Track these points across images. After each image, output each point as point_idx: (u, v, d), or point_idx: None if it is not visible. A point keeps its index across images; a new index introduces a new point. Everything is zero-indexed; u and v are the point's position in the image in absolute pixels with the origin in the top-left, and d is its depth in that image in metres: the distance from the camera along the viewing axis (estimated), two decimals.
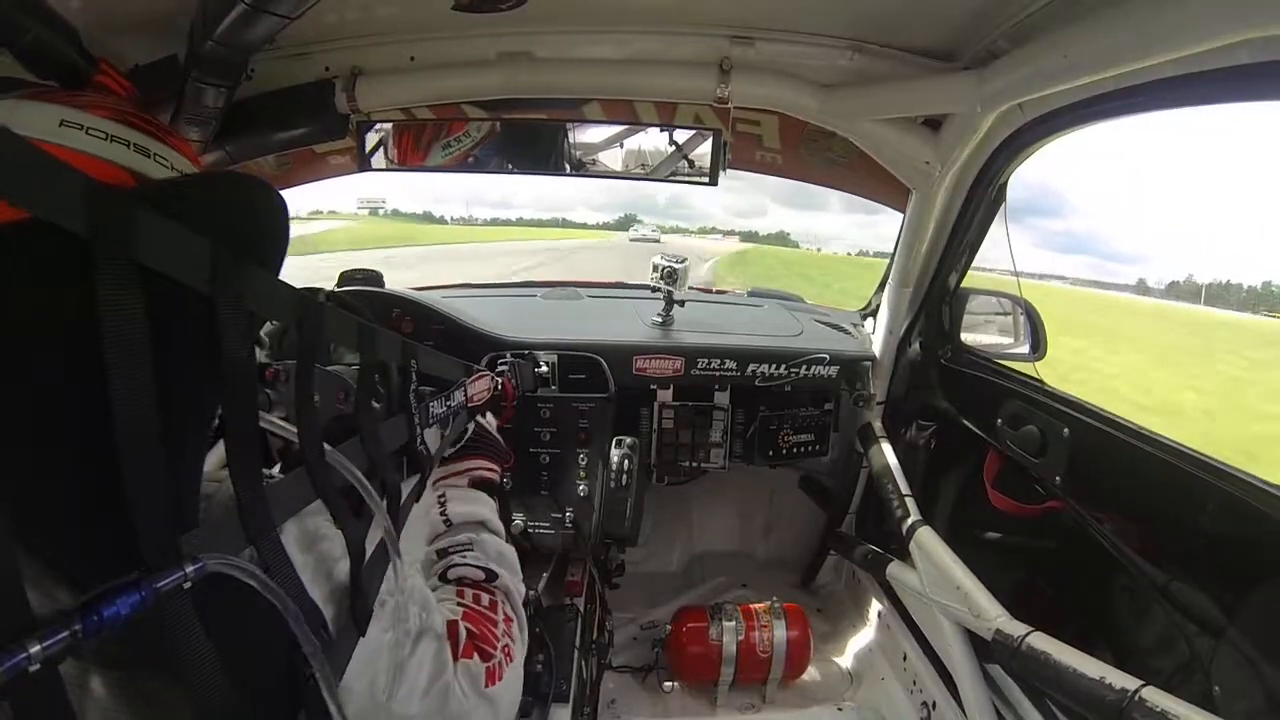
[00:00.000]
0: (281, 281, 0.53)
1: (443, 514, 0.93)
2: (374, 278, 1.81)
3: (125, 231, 0.38)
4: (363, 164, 1.58)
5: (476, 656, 0.75)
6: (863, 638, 2.00)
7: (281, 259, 0.53)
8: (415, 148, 1.56)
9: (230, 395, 0.47)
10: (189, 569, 0.41)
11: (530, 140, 1.59)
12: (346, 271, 1.80)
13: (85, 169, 0.39)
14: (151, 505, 0.40)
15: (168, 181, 0.52)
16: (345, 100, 1.44)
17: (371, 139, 1.57)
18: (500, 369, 1.34)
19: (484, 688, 0.75)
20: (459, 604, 0.81)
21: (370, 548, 0.63)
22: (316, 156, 2.04)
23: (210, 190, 0.51)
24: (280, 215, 0.52)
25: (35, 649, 0.33)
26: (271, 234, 0.51)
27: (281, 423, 0.62)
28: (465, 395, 1.01)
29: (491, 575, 0.88)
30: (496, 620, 0.82)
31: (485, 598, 0.84)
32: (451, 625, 0.75)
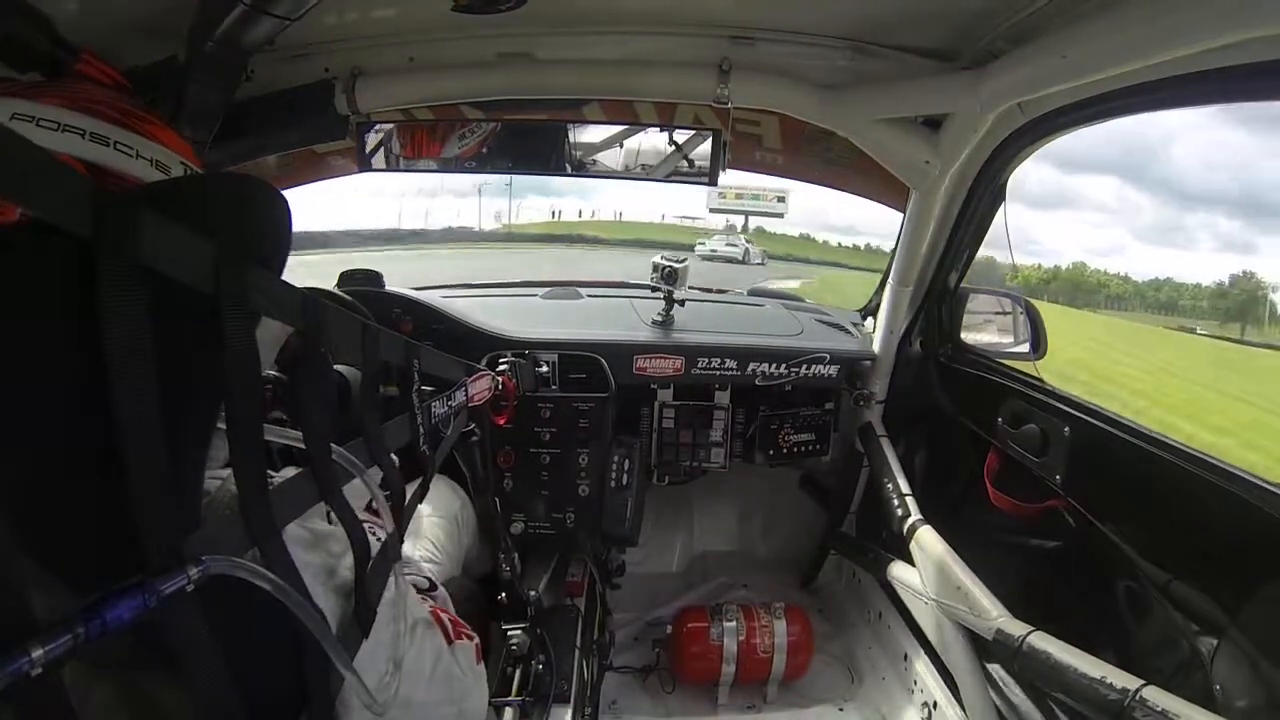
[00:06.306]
0: (284, 281, 0.53)
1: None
2: (374, 277, 1.81)
3: (127, 232, 0.38)
4: (363, 164, 1.59)
5: (464, 637, 0.80)
6: (863, 638, 2.00)
7: (284, 259, 0.53)
8: (431, 139, 1.56)
9: (234, 394, 0.47)
10: (192, 571, 0.41)
11: (534, 140, 1.59)
12: (346, 271, 1.80)
13: None
14: (154, 507, 0.40)
15: (169, 181, 0.52)
16: (345, 101, 1.44)
17: (372, 139, 1.57)
18: (501, 368, 1.34)
19: (475, 664, 0.80)
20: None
21: (372, 548, 0.63)
22: (317, 157, 2.05)
23: (211, 190, 0.51)
24: (282, 215, 0.52)
25: (37, 653, 0.32)
26: (273, 234, 0.51)
27: (282, 429, 0.62)
28: (466, 395, 1.01)
29: (432, 585, 0.90)
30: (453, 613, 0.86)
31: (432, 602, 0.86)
32: (434, 613, 0.77)
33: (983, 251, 1.69)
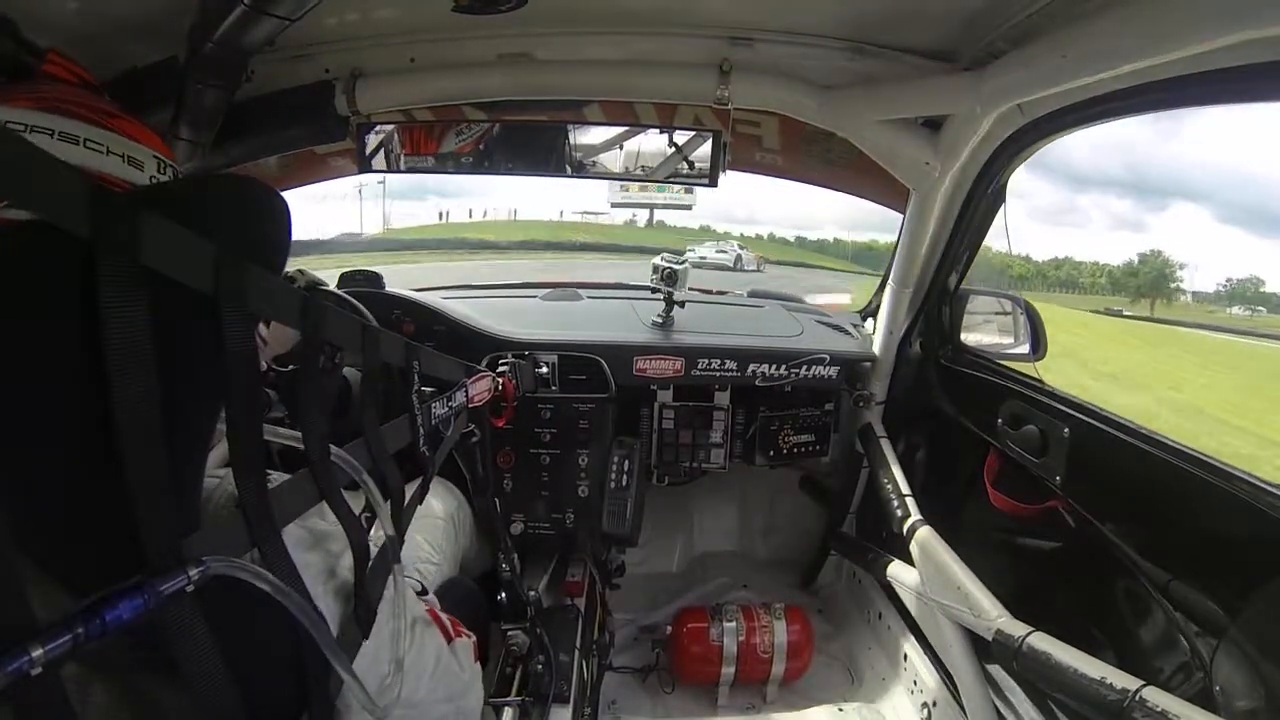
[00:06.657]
0: (284, 282, 0.53)
1: None
2: (374, 278, 1.81)
3: (128, 233, 0.38)
4: (363, 165, 1.59)
5: (463, 635, 0.81)
6: (863, 638, 2.00)
7: (284, 259, 0.53)
8: (429, 137, 1.57)
9: (234, 395, 0.47)
10: (192, 572, 0.41)
11: (533, 141, 1.60)
12: (347, 272, 1.80)
13: None
14: (154, 507, 0.40)
15: (169, 182, 0.52)
16: (345, 102, 1.44)
17: (372, 140, 1.57)
18: (501, 369, 1.34)
19: (473, 662, 0.82)
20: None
21: (372, 549, 0.63)
22: (317, 157, 2.05)
23: (210, 192, 0.51)
24: (281, 216, 0.52)
25: (37, 652, 0.33)
26: (272, 234, 0.51)
27: (281, 429, 0.62)
28: (467, 396, 1.01)
29: (424, 589, 0.91)
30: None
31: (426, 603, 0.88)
32: (431, 613, 0.78)
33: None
